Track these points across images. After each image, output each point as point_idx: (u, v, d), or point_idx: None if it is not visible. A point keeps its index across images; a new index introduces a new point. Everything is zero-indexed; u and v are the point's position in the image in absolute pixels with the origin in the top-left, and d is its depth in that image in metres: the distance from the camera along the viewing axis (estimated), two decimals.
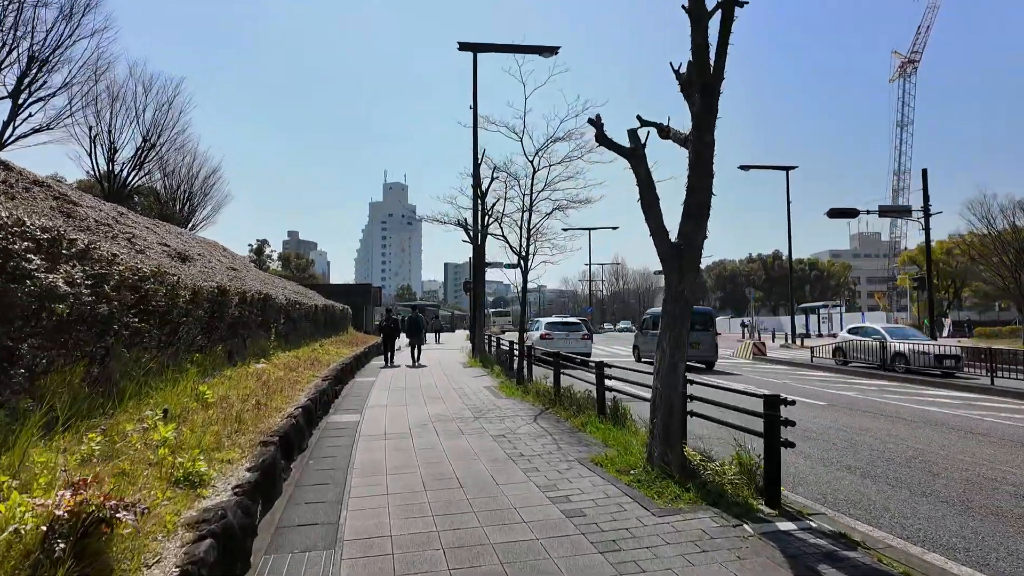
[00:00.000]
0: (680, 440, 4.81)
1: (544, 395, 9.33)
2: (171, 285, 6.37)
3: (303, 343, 14.85)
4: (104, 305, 4.48)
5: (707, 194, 4.84)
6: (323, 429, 7.45)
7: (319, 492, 4.76)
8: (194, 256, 14.21)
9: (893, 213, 23.24)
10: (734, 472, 4.58)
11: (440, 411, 8.58)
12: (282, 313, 12.87)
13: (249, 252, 56.28)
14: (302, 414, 6.56)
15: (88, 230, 9.10)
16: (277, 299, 12.53)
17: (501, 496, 4.55)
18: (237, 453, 4.69)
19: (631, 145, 5.13)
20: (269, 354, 11.18)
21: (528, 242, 10.60)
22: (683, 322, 4.78)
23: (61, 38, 18.56)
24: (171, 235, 16.06)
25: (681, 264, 4.83)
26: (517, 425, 7.45)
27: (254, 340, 11.11)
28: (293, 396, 7.94)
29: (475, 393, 10.54)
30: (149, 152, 22.95)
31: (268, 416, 6.31)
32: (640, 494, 4.48)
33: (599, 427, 6.86)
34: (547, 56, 19.87)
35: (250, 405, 6.48)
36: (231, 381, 7.63)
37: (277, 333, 12.94)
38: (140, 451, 4.06)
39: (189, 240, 17.14)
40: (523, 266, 10.59)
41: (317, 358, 12.81)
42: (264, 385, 7.98)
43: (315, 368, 11.22)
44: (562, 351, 10.21)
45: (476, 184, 17.47)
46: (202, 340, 8.18)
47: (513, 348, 13.30)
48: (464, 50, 19.43)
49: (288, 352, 12.57)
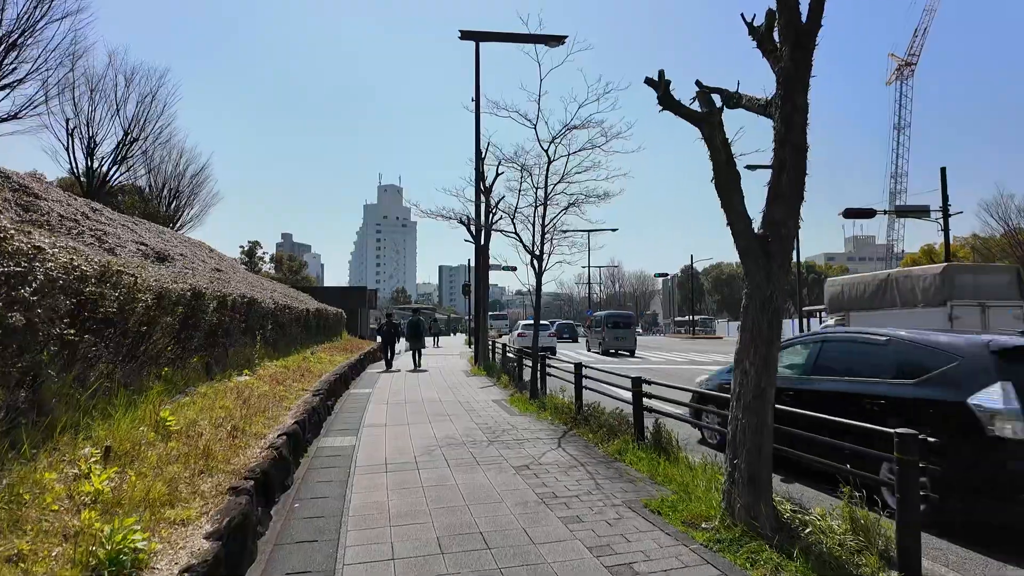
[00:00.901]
0: (770, 488, 3.75)
1: (563, 411, 8.27)
2: (127, 287, 5.26)
3: (293, 351, 13.72)
4: (18, 314, 3.38)
5: (801, 170, 3.80)
6: (313, 456, 6.35)
7: (305, 556, 3.67)
8: (175, 256, 13.09)
9: (911, 213, 22.37)
10: (843, 531, 3.53)
11: (448, 432, 7.50)
12: (269, 318, 11.75)
13: (241, 254, 54.88)
14: (286, 443, 5.46)
15: (46, 226, 7.98)
16: (264, 303, 11.42)
17: (543, 563, 3.47)
18: (197, 507, 3.59)
19: (704, 110, 4.09)
20: (254, 364, 10.06)
21: (543, 239, 9.52)
22: (773, 336, 3.72)
23: (30, 19, 17.27)
24: (151, 234, 14.92)
25: (769, 261, 3.78)
26: (540, 451, 6.37)
27: (237, 349, 9.99)
28: (278, 417, 6.83)
29: (484, 408, 9.46)
30: (131, 146, 21.67)
31: (245, 447, 5.21)
32: (728, 563, 3.42)
33: (640, 456, 5.80)
34: (553, 46, 18.78)
35: (224, 433, 5.38)
36: (205, 400, 6.53)
37: (264, 340, 11.82)
38: (56, 515, 2.97)
39: (172, 240, 15.99)
40: (537, 266, 9.51)
41: (308, 368, 11.69)
42: (244, 403, 6.87)
43: (305, 380, 10.11)
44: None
45: (479, 180, 16.42)
46: (174, 351, 7.07)
47: (523, 356, 12.22)
48: (466, 39, 18.42)
49: (276, 361, 11.45)
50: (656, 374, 14.93)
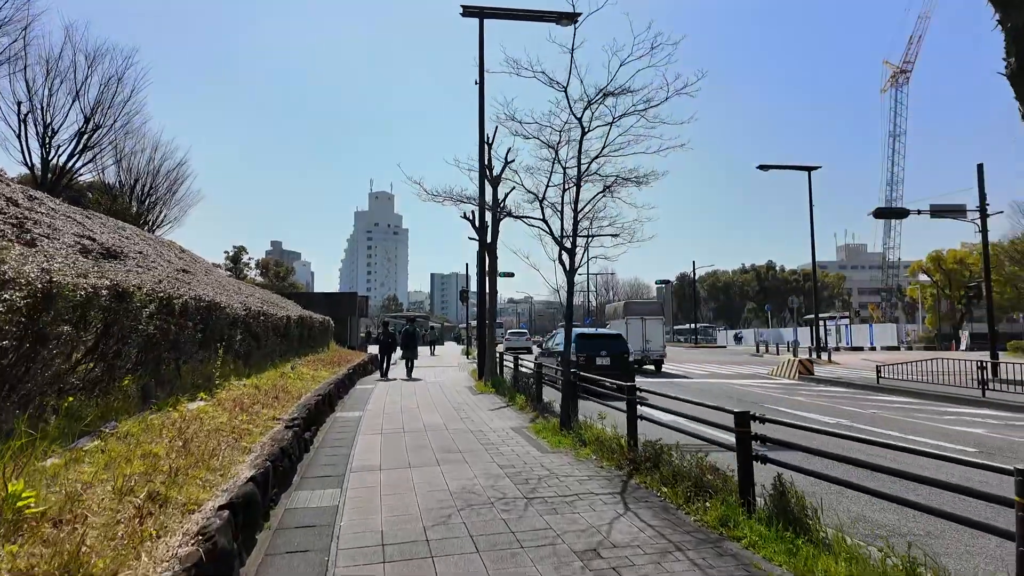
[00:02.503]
0: None
1: (610, 448, 6.35)
2: None
3: (269, 365, 11.71)
4: None
5: None
6: (276, 529, 4.39)
7: None
8: (131, 254, 11.07)
9: (947, 213, 20.72)
10: None
11: (465, 481, 5.56)
12: (239, 327, 9.76)
13: (226, 259, 52.68)
14: (225, 525, 3.49)
15: None
16: (230, 308, 9.43)
17: None
18: None
19: None
20: (215, 385, 8.08)
21: (575, 228, 7.65)
22: None
23: None
24: (107, 229, 12.92)
25: None
26: (604, 518, 4.45)
27: (194, 366, 8.01)
28: (230, 466, 4.85)
29: (505, 441, 7.51)
30: (94, 134, 19.43)
31: (158, 535, 3.25)
32: None
33: (762, 533, 3.89)
34: (565, 25, 17.10)
35: (130, 509, 3.43)
36: (124, 445, 4.57)
37: (234, 353, 9.83)
38: None
39: (134, 237, 13.95)
40: (568, 262, 7.64)
41: (285, 386, 9.68)
42: (184, 447, 4.91)
43: (279, 404, 8.11)
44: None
45: (484, 168, 14.58)
46: (86, 373, 5.12)
47: (542, 372, 10.27)
48: (468, 15, 16.64)
49: (246, 379, 9.45)
50: (702, 393, 12.80)
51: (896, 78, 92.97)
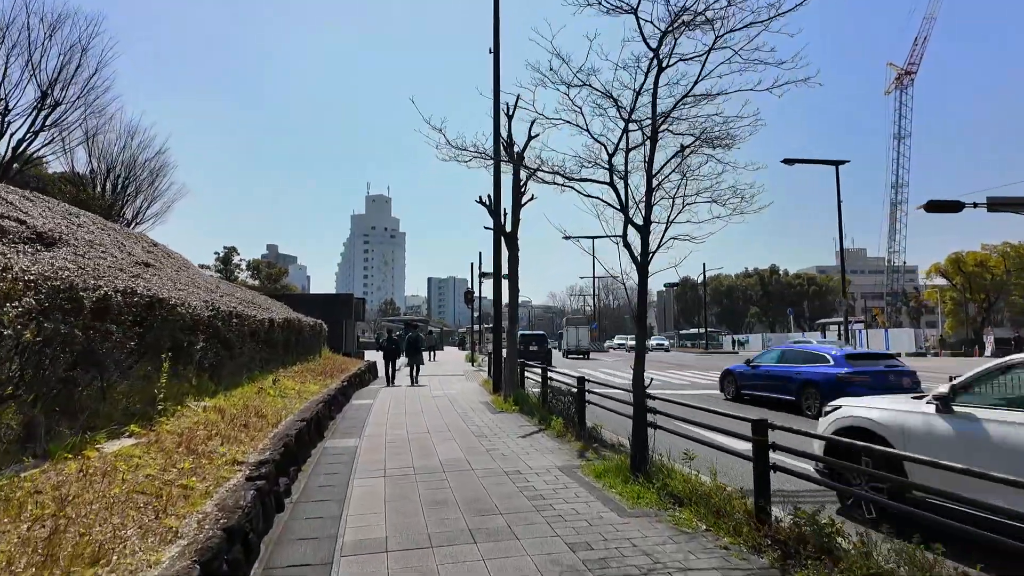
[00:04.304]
0: None
1: (718, 506, 4.31)
2: None
3: (245, 379, 9.58)
4: None
5: None
6: None
7: None
8: (70, 241, 8.98)
9: (1008, 207, 18.79)
10: None
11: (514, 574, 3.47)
12: (199, 332, 7.65)
13: (216, 261, 50.55)
14: None
15: None
16: (185, 307, 7.33)
17: None
18: None
19: None
20: (158, 411, 5.98)
21: (649, 198, 5.61)
22: None
23: None
24: (53, 215, 10.82)
25: None
26: None
27: (132, 383, 5.91)
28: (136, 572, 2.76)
29: (557, 491, 5.41)
30: (52, 111, 17.26)
31: None
32: None
33: None
34: None
35: None
36: None
37: (195, 365, 7.73)
38: None
39: (88, 225, 11.79)
40: (642, 243, 5.58)
41: (260, 408, 7.55)
42: (47, 541, 2.82)
43: (247, 436, 5.97)
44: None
45: (498, 139, 12.61)
46: None
47: (584, 388, 8.15)
48: None
49: (209, 400, 7.34)
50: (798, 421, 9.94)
51: (900, 80, 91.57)
